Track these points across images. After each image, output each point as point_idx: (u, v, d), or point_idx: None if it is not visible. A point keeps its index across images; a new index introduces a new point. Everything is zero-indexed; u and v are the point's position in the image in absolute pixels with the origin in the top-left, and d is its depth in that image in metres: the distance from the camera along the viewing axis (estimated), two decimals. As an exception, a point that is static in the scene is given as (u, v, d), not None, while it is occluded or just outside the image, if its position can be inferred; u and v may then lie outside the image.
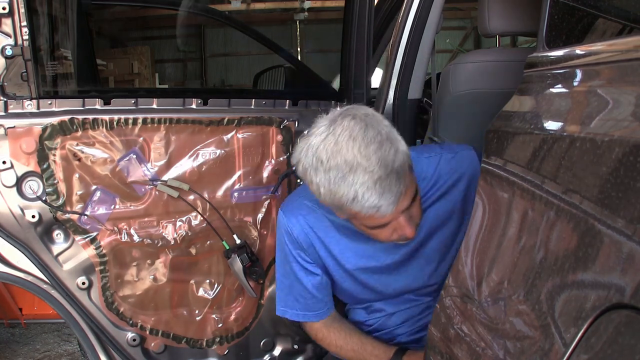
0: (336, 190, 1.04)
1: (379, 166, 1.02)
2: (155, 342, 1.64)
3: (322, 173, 1.05)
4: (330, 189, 1.05)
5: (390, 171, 1.03)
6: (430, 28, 1.80)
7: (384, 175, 1.02)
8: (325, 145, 1.05)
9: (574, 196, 0.69)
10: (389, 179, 1.03)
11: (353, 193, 1.03)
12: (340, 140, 1.03)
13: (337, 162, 1.03)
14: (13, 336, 3.26)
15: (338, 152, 1.03)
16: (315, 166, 1.05)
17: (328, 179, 1.04)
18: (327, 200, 1.09)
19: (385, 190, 1.03)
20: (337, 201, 1.06)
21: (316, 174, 1.06)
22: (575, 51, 0.91)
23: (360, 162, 1.02)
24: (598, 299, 0.60)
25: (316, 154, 1.05)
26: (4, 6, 1.34)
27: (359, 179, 1.02)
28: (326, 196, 1.07)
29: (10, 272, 1.47)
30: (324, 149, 1.04)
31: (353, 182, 1.02)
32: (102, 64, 6.37)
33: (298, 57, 10.17)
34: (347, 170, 1.02)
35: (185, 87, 10.48)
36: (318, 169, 1.05)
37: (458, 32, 11.13)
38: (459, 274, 1.02)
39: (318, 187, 1.07)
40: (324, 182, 1.05)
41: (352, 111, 1.09)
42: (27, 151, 1.42)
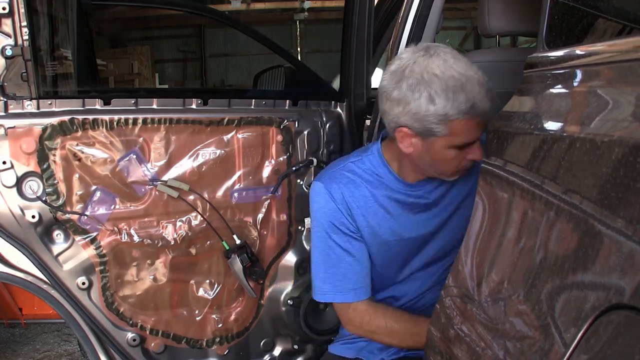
0: (455, 98, 1.15)
1: (485, 80, 1.18)
2: (155, 342, 1.64)
3: (439, 84, 1.15)
4: (448, 97, 1.15)
5: (490, 86, 1.19)
6: (430, 28, 1.80)
7: (490, 88, 1.18)
8: (435, 63, 1.17)
9: (574, 196, 0.69)
10: (492, 92, 1.18)
11: (472, 99, 1.15)
12: (447, 59, 1.17)
13: (453, 74, 1.15)
14: (13, 336, 3.26)
15: (450, 67, 1.16)
16: (429, 80, 1.16)
17: (446, 88, 1.15)
18: (439, 111, 1.16)
19: (493, 100, 1.18)
20: (453, 108, 1.16)
21: (431, 86, 1.15)
22: (575, 51, 0.91)
23: (473, 75, 1.17)
24: (598, 299, 0.60)
25: (427, 70, 1.16)
26: (4, 6, 1.34)
27: (475, 87, 1.16)
28: (440, 105, 1.16)
29: (10, 272, 1.47)
30: (436, 66, 1.16)
31: (471, 90, 1.15)
32: (102, 64, 6.37)
33: (298, 57, 10.17)
34: (464, 80, 1.15)
35: (185, 87, 10.48)
36: (433, 81, 1.15)
37: (458, 32, 11.13)
38: (459, 274, 1.02)
39: (432, 98, 1.16)
40: (440, 92, 1.15)
41: (434, 46, 1.23)
42: (27, 151, 1.42)
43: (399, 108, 1.20)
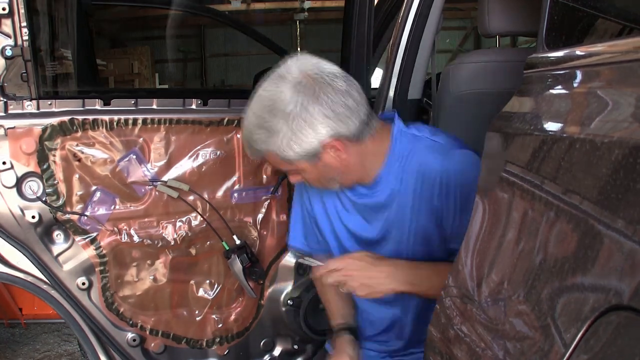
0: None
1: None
2: (155, 342, 1.64)
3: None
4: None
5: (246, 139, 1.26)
6: (430, 28, 1.80)
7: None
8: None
9: (574, 197, 0.69)
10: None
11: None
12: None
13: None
14: (13, 336, 3.26)
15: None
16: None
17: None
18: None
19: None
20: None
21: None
22: (575, 52, 0.91)
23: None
24: (598, 300, 0.60)
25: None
26: (4, 6, 1.34)
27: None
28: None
29: (11, 272, 1.47)
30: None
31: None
32: (102, 64, 6.36)
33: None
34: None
35: (185, 87, 10.48)
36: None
37: (458, 32, 11.13)
38: (458, 274, 1.02)
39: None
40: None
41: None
42: (27, 152, 1.42)
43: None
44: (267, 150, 1.21)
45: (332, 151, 1.21)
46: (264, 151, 1.22)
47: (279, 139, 1.18)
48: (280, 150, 1.19)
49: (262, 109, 1.19)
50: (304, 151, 1.19)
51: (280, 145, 1.18)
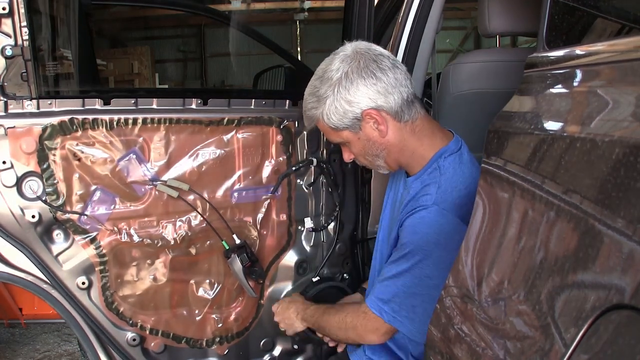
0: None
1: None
2: (155, 341, 1.64)
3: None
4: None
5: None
6: (430, 28, 1.80)
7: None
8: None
9: (574, 196, 0.69)
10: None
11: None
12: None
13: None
14: (13, 336, 3.26)
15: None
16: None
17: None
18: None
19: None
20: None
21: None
22: (575, 51, 0.91)
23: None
24: (598, 300, 0.60)
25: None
26: (4, 6, 1.34)
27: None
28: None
29: (11, 271, 1.47)
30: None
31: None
32: (102, 64, 6.36)
33: (298, 57, 10.16)
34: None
35: (185, 87, 10.48)
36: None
37: (458, 32, 11.13)
38: (459, 274, 1.02)
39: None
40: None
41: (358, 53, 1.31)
42: (27, 151, 1.42)
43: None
44: (316, 116, 1.33)
45: (372, 122, 1.30)
46: (315, 118, 1.34)
47: (326, 105, 1.29)
48: (327, 116, 1.31)
49: (314, 79, 1.33)
50: (347, 118, 1.29)
51: (328, 111, 1.30)
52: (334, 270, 1.84)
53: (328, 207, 1.79)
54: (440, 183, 1.29)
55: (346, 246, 1.84)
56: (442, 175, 1.30)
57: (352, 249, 1.86)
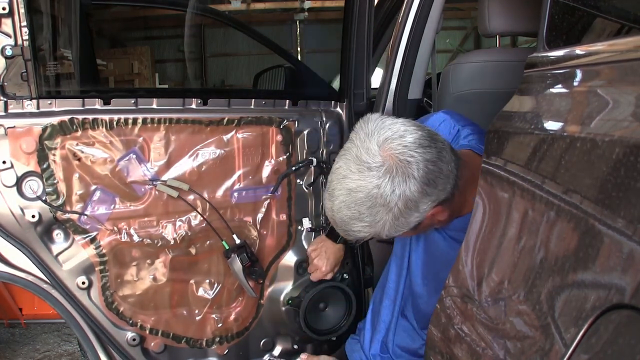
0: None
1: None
2: (155, 341, 1.64)
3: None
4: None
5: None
6: (430, 28, 1.80)
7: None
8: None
9: (574, 196, 0.69)
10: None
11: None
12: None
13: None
14: (13, 336, 3.26)
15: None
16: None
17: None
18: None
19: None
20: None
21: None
22: (575, 51, 0.91)
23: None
24: (598, 299, 0.60)
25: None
26: (4, 6, 1.34)
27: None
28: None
29: (11, 271, 1.47)
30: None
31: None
32: (102, 64, 6.37)
33: (298, 57, 10.17)
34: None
35: (185, 87, 10.48)
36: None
37: (458, 32, 11.13)
38: (459, 274, 1.02)
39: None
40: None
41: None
42: (27, 151, 1.42)
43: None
44: (367, 236, 1.17)
45: (432, 215, 1.16)
46: (365, 238, 1.18)
47: (383, 226, 1.12)
48: (385, 233, 1.14)
49: (357, 204, 1.11)
50: (409, 228, 1.15)
51: (385, 230, 1.13)
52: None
53: (328, 207, 1.79)
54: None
55: (346, 246, 1.84)
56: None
57: (352, 249, 1.86)
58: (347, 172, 1.11)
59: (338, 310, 1.77)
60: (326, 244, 1.72)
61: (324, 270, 1.71)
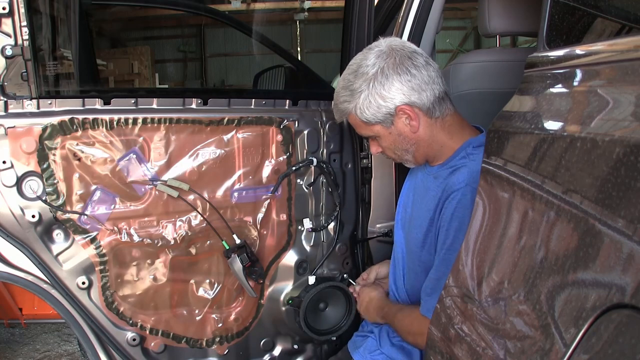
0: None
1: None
2: (155, 341, 1.64)
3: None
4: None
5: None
6: (430, 28, 1.80)
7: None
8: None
9: (574, 196, 0.69)
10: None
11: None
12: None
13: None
14: (13, 336, 3.26)
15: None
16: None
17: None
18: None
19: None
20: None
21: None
22: (575, 51, 0.91)
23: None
24: (598, 299, 0.60)
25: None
26: (4, 6, 1.34)
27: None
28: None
29: (11, 271, 1.47)
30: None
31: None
32: (102, 64, 6.37)
33: (298, 57, 10.17)
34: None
35: (185, 87, 10.49)
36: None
37: (458, 32, 11.14)
38: (459, 274, 1.02)
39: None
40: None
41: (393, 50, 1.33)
42: (27, 151, 1.42)
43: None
44: (348, 110, 1.36)
45: (405, 118, 1.32)
46: (347, 111, 1.36)
47: (360, 99, 1.32)
48: (360, 110, 1.33)
49: (348, 73, 1.35)
50: (380, 113, 1.32)
51: (361, 105, 1.32)
52: (334, 270, 1.84)
53: (328, 207, 1.79)
54: (470, 166, 1.30)
55: (346, 246, 1.84)
56: (472, 161, 1.31)
57: (352, 249, 1.86)
58: (356, 55, 1.37)
59: (338, 310, 1.77)
60: (370, 305, 1.62)
61: (378, 320, 1.58)
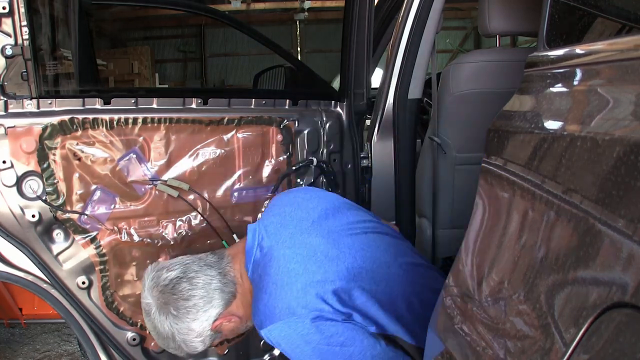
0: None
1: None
2: (155, 341, 1.64)
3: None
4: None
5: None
6: (430, 28, 1.80)
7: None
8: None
9: (575, 195, 0.69)
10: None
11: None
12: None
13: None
14: (13, 336, 3.26)
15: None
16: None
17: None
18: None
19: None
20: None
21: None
22: (575, 50, 0.91)
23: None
24: (599, 298, 0.60)
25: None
26: (4, 6, 1.34)
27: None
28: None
29: (11, 271, 1.47)
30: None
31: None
32: (102, 64, 6.37)
33: (298, 57, 10.18)
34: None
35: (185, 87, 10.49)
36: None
37: (458, 32, 11.14)
38: (459, 274, 1.02)
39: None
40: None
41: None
42: (27, 151, 1.42)
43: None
44: (189, 352, 1.36)
45: (225, 322, 1.32)
46: (188, 353, 1.36)
47: (187, 347, 1.32)
48: (193, 351, 1.34)
49: (157, 337, 1.34)
50: (208, 344, 1.34)
51: (190, 349, 1.33)
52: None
53: (328, 207, 1.79)
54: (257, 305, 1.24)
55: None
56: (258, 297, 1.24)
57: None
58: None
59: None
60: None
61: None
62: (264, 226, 1.30)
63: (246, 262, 1.30)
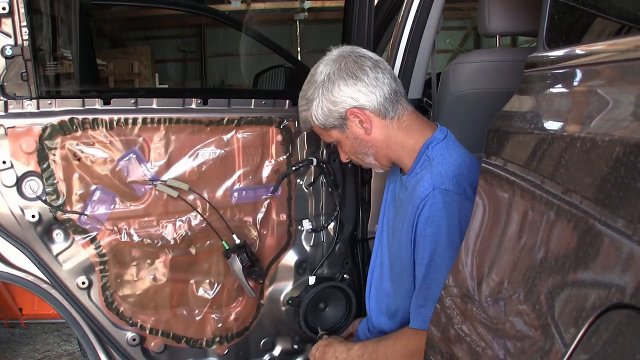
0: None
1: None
2: (155, 341, 1.64)
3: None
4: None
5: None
6: (430, 28, 1.80)
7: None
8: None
9: (574, 196, 0.69)
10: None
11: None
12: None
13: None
14: (13, 336, 3.26)
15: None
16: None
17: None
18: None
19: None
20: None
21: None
22: (575, 51, 0.91)
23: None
24: (598, 299, 0.60)
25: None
26: (4, 6, 1.34)
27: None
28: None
29: (11, 271, 1.47)
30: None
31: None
32: (102, 64, 6.37)
33: (298, 57, 10.17)
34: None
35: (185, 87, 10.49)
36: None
37: (458, 32, 11.13)
38: (459, 274, 1.02)
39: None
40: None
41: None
42: (27, 151, 1.42)
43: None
44: (307, 118, 1.42)
45: (357, 121, 1.37)
46: (307, 119, 1.43)
47: (313, 106, 1.39)
48: (315, 117, 1.39)
49: (305, 83, 1.43)
50: (333, 118, 1.38)
51: (315, 112, 1.39)
52: (334, 270, 1.84)
53: (328, 207, 1.79)
54: (432, 169, 1.33)
55: (346, 246, 1.84)
56: (432, 162, 1.34)
57: (352, 249, 1.86)
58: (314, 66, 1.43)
59: (338, 310, 1.77)
60: (327, 355, 1.52)
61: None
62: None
63: (429, 138, 1.38)
